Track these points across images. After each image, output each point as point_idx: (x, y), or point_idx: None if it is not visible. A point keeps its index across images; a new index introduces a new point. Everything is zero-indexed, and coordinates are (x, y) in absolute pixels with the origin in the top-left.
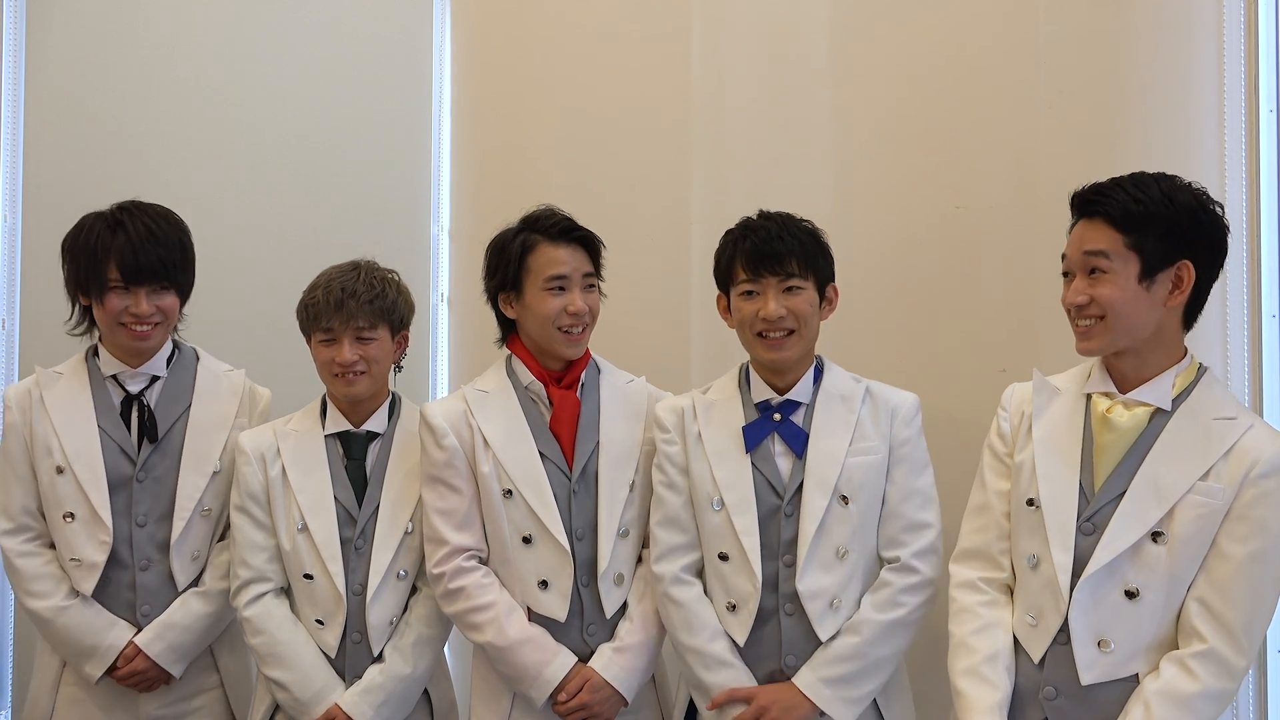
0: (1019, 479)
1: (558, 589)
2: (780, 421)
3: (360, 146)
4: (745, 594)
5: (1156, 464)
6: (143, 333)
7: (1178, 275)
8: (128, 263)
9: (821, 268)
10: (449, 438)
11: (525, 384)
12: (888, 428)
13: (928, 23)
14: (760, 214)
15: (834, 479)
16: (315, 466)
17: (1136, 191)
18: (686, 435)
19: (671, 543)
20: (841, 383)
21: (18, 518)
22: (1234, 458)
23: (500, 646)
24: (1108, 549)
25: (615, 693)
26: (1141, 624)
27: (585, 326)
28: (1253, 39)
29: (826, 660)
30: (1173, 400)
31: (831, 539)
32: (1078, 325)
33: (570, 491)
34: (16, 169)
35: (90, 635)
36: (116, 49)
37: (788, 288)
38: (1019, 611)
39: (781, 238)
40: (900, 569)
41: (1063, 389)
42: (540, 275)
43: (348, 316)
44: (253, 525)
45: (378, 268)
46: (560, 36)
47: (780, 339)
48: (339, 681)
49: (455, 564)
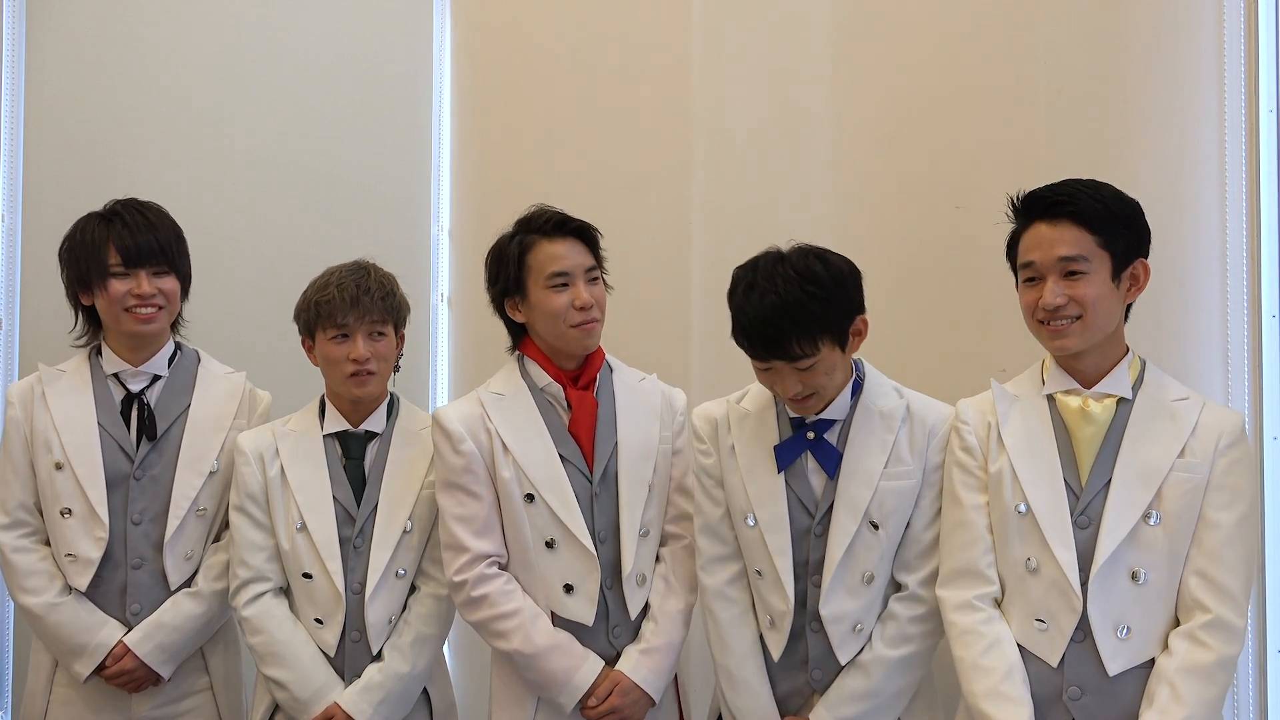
0: (999, 489)
1: (584, 592)
2: (814, 440)
3: (360, 147)
4: (779, 612)
5: (1134, 450)
6: (148, 315)
7: (1134, 273)
8: (127, 245)
9: (839, 322)
10: (466, 443)
11: (541, 386)
12: (924, 450)
13: (928, 23)
14: (758, 277)
15: (865, 503)
16: (314, 466)
17: (1094, 192)
18: (720, 447)
19: (713, 553)
20: (882, 396)
21: (14, 513)
22: (1200, 433)
23: (528, 654)
24: (1111, 537)
25: (644, 694)
26: (1151, 606)
27: (596, 319)
28: (1253, 39)
29: (841, 699)
30: (1131, 388)
31: (858, 564)
32: (1052, 326)
33: (592, 494)
34: (16, 169)
35: (80, 633)
36: (116, 49)
37: (800, 366)
38: (1020, 619)
39: (780, 326)
40: (907, 599)
41: (1019, 395)
42: (541, 273)
43: (363, 313)
44: (252, 525)
45: (379, 267)
46: (560, 37)
47: (809, 402)
48: (338, 680)
49: (477, 571)
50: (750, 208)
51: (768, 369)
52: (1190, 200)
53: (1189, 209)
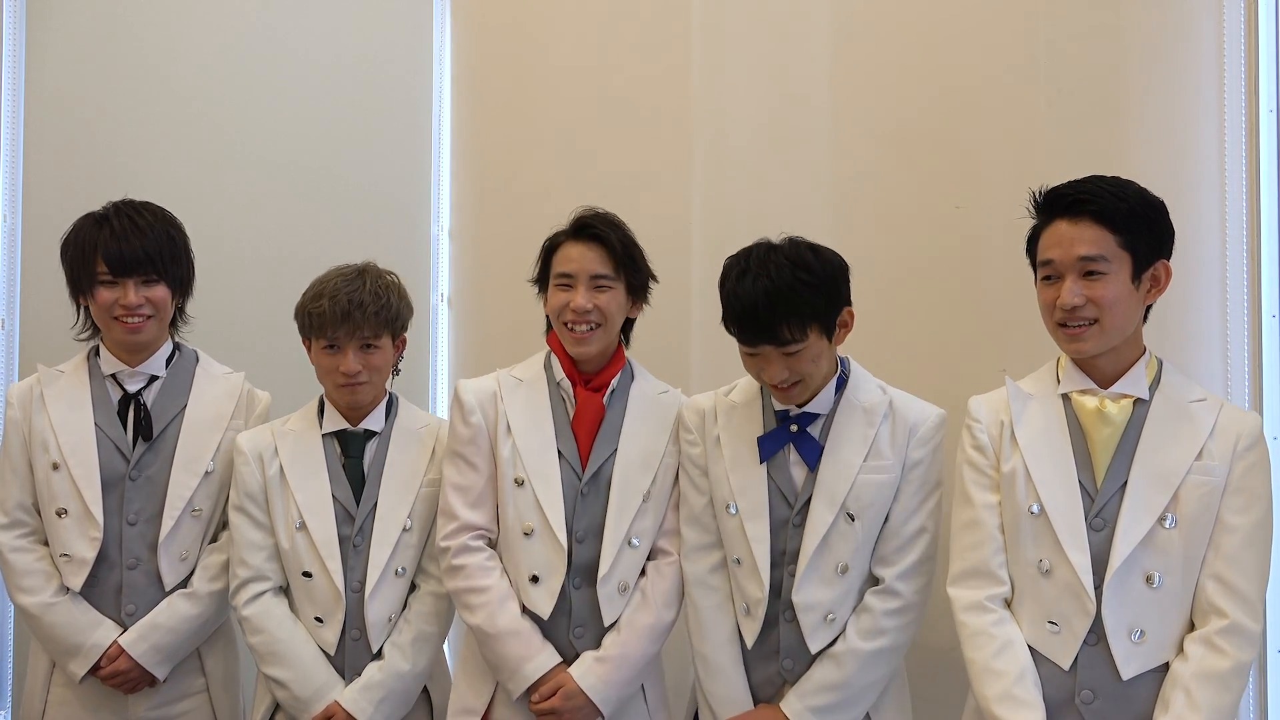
0: (1012, 489)
1: (547, 586)
2: (796, 434)
3: (360, 147)
4: (755, 599)
5: (1151, 451)
6: (134, 325)
7: (1154, 275)
8: (112, 254)
9: (829, 311)
10: (476, 414)
11: (558, 380)
12: (904, 446)
13: (928, 23)
14: (750, 263)
15: (842, 495)
16: (313, 465)
17: (1117, 190)
18: (706, 437)
19: (696, 541)
20: (865, 393)
21: (12, 513)
22: (1219, 435)
23: (488, 633)
24: (1126, 540)
25: (589, 702)
26: (1167, 610)
27: (593, 326)
28: (1253, 39)
29: (814, 689)
30: (1148, 389)
31: (833, 554)
32: (1069, 328)
33: (579, 492)
34: (16, 169)
35: (75, 633)
36: (116, 49)
37: (788, 352)
38: (1032, 621)
39: (772, 308)
40: (883, 593)
41: (1033, 393)
42: (553, 272)
43: (354, 327)
44: (251, 525)
45: (380, 273)
46: (560, 37)
47: (791, 390)
48: (338, 679)
49: (462, 541)
50: (750, 207)
51: (755, 354)
52: (1190, 200)
53: (1189, 209)
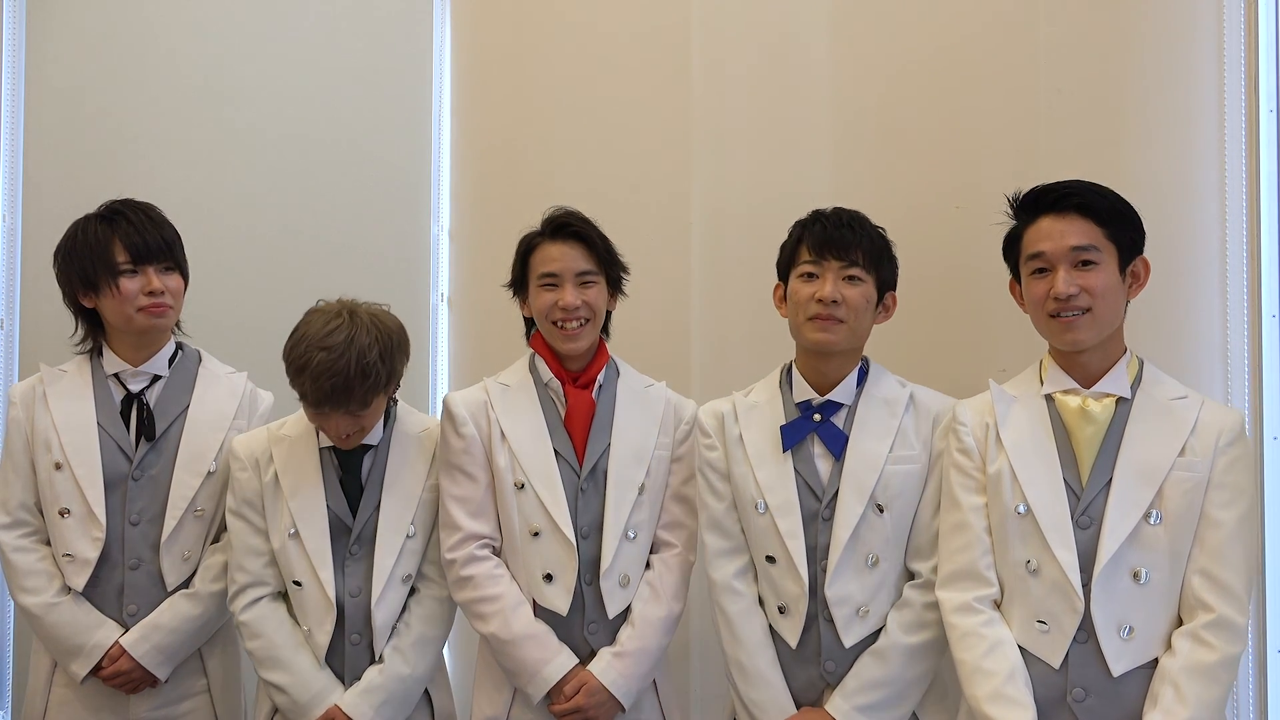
0: (998, 490)
1: (562, 583)
2: (820, 422)
3: (360, 146)
4: (794, 596)
5: (1134, 449)
6: (161, 309)
7: (1134, 270)
8: (135, 243)
9: (885, 270)
10: (468, 426)
11: (545, 380)
12: (929, 436)
13: (927, 22)
14: (835, 208)
15: (871, 485)
16: (308, 473)
17: (1097, 187)
18: (727, 439)
19: (719, 547)
20: (886, 387)
21: (15, 513)
22: (1200, 432)
23: (504, 639)
24: (1112, 537)
25: (611, 698)
26: (1155, 606)
27: (582, 321)
28: (1253, 39)
29: (859, 687)
30: (1130, 388)
31: (863, 546)
32: (1062, 318)
33: (578, 489)
34: (16, 169)
35: (77, 634)
36: (116, 49)
37: (848, 275)
38: (1021, 620)
39: (852, 227)
40: (921, 586)
41: (1017, 395)
42: (535, 273)
43: (338, 405)
44: (249, 530)
45: (369, 326)
46: (560, 36)
47: (831, 324)
48: (337, 683)
49: (468, 551)
50: (750, 207)
51: (814, 275)
52: (1190, 200)
53: (1189, 209)
